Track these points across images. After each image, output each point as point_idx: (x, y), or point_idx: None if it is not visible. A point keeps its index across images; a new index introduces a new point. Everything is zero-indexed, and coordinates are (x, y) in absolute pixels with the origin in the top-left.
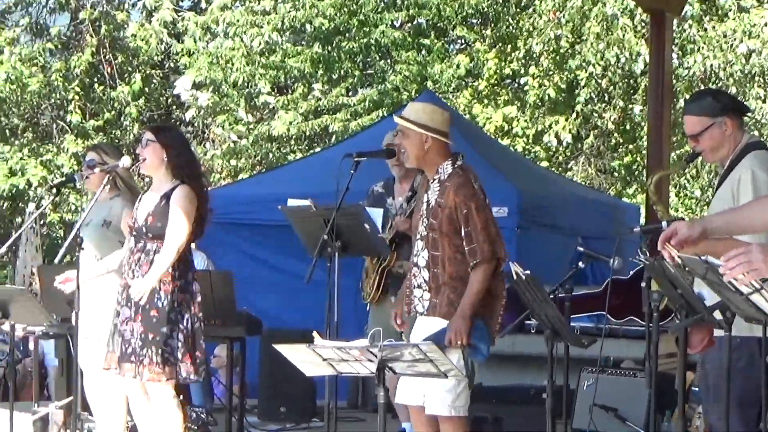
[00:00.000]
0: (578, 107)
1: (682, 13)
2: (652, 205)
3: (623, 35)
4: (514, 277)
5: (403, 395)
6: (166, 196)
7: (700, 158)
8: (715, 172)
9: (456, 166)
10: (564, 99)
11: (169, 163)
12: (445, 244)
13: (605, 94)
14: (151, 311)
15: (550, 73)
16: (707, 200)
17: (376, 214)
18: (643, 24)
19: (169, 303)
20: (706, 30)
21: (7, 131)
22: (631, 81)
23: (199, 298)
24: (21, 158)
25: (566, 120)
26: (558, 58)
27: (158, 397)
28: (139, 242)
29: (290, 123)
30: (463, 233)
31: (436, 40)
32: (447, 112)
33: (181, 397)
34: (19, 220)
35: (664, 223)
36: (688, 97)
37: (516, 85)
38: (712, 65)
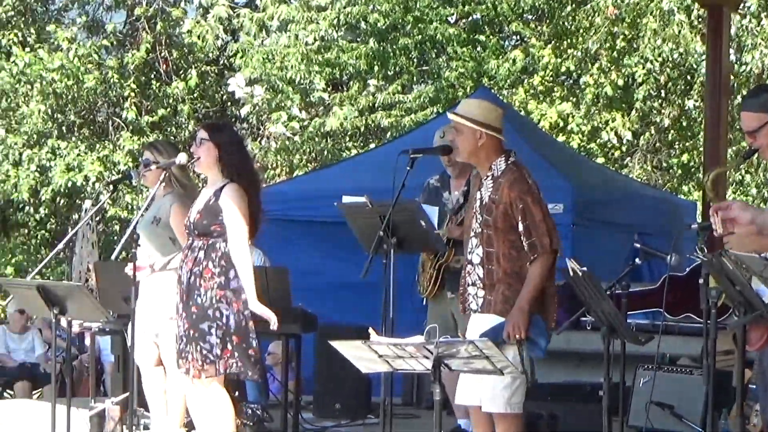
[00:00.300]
0: (637, 104)
1: (740, 9)
2: (709, 202)
3: (679, 31)
4: (571, 273)
5: (463, 396)
6: (216, 195)
7: (757, 155)
8: None
9: (509, 162)
10: (620, 96)
11: (220, 162)
12: (500, 241)
13: (662, 91)
14: (192, 308)
15: (608, 70)
16: (764, 197)
17: (432, 211)
18: (700, 19)
19: (208, 299)
20: (762, 26)
21: (63, 128)
22: (688, 77)
23: (244, 296)
24: (78, 154)
25: (623, 117)
26: (615, 55)
27: (205, 393)
28: (190, 239)
29: (344, 119)
30: (521, 228)
31: (491, 37)
32: (500, 109)
33: (237, 393)
34: (76, 216)
35: None
36: (745, 93)
37: (571, 81)
38: None
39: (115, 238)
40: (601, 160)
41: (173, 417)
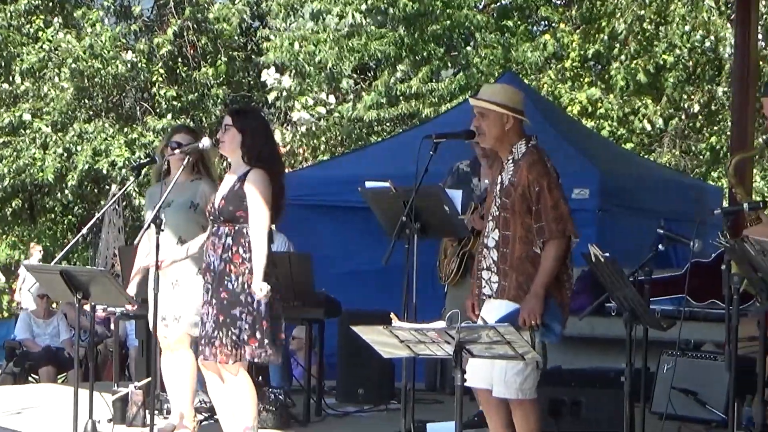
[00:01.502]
0: (667, 90)
1: None
2: (731, 188)
3: (708, 18)
4: (593, 259)
5: (471, 378)
6: (240, 180)
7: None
8: None
9: (530, 145)
10: (650, 81)
11: (243, 147)
12: (517, 224)
13: (692, 77)
14: (221, 293)
15: (636, 56)
16: None
17: (455, 195)
18: (729, 5)
19: (239, 285)
20: None
21: (91, 111)
22: (716, 63)
23: (272, 281)
24: (105, 138)
25: (653, 103)
26: (643, 41)
27: (231, 379)
28: (214, 225)
29: (371, 106)
30: (536, 209)
31: (519, 23)
32: (521, 92)
33: (260, 378)
34: (103, 202)
35: (745, 205)
36: None
37: (600, 67)
38: None
39: (141, 223)
40: (629, 145)
41: (183, 400)
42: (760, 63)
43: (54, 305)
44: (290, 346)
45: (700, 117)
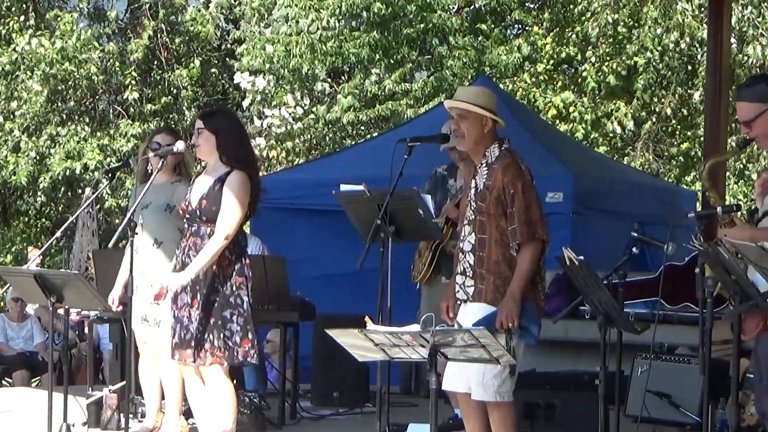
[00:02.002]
0: (638, 93)
1: None
2: (704, 192)
3: (683, 20)
4: (567, 262)
5: (449, 382)
6: (221, 180)
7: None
8: None
9: (503, 148)
10: (622, 84)
11: (219, 149)
12: (493, 227)
13: (664, 80)
14: (211, 296)
15: (608, 58)
16: None
17: (426, 199)
18: (702, 8)
19: (229, 287)
20: (764, 17)
21: (63, 115)
22: (689, 67)
23: (251, 283)
24: (78, 142)
25: (626, 105)
26: (615, 43)
27: (214, 381)
28: (192, 225)
29: (348, 108)
30: (511, 211)
31: (493, 26)
32: (495, 95)
33: (235, 381)
34: (76, 205)
35: (718, 209)
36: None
37: (573, 70)
38: None
39: (115, 227)
40: (603, 149)
41: (172, 404)
42: (732, 66)
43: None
44: (265, 349)
45: (673, 121)
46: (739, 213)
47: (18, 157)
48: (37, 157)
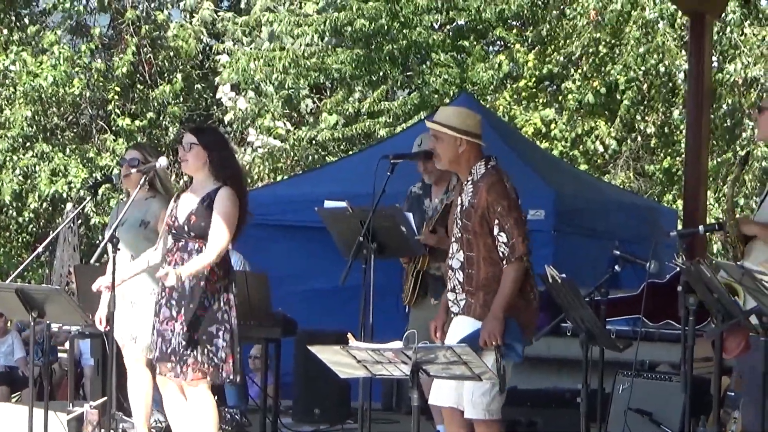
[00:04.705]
0: (620, 112)
1: (723, 16)
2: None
3: (662, 42)
4: (549, 280)
5: (436, 396)
6: (209, 197)
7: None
8: (759, 181)
9: (489, 166)
10: (603, 102)
11: (211, 165)
12: (480, 245)
13: (645, 99)
14: (197, 311)
15: (590, 77)
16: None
17: (409, 217)
18: (683, 28)
19: (216, 303)
20: (745, 35)
21: (47, 131)
22: (670, 85)
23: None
24: (63, 158)
25: (606, 124)
26: (597, 61)
27: (197, 398)
28: (179, 241)
29: (334, 125)
30: (496, 231)
31: (475, 43)
32: (478, 115)
33: (216, 397)
34: (59, 220)
35: (700, 228)
36: (729, 102)
37: (555, 87)
38: (754, 76)
39: (98, 242)
40: (584, 166)
41: (141, 418)
42: (716, 87)
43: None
44: (250, 365)
45: (654, 139)
46: (745, 227)
47: (2, 175)
48: (23, 175)
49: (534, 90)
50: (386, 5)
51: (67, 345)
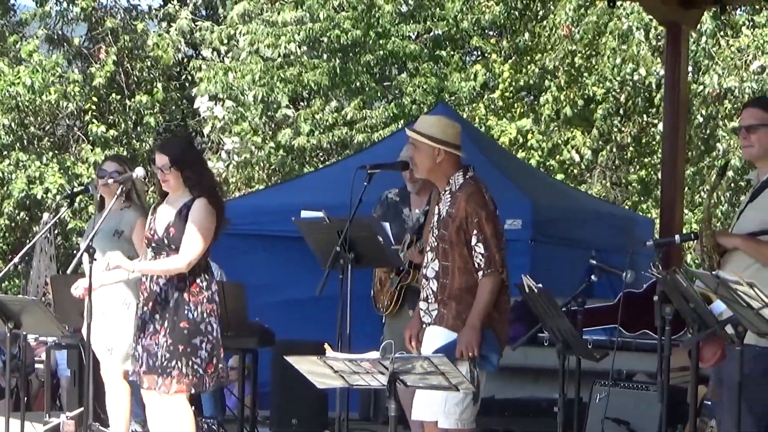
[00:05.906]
0: (597, 123)
1: (697, 28)
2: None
3: (638, 51)
4: (526, 290)
5: (418, 411)
6: (186, 207)
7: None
8: (735, 193)
9: (467, 177)
10: (579, 113)
11: (186, 180)
12: (455, 255)
13: (622, 109)
14: (180, 323)
15: (565, 88)
16: (729, 220)
17: (386, 227)
18: (659, 38)
19: (199, 314)
20: (720, 46)
21: (24, 140)
22: (646, 95)
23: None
24: (39, 167)
25: (583, 134)
26: (574, 72)
27: (176, 409)
28: (160, 254)
29: (309, 133)
30: (473, 242)
31: (452, 53)
32: (458, 125)
33: (193, 408)
34: (35, 229)
35: (676, 237)
36: (704, 113)
37: (531, 98)
38: (729, 87)
39: (74, 251)
40: (560, 176)
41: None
42: (691, 97)
43: None
44: (230, 376)
45: (630, 149)
46: (722, 238)
47: None
48: None
49: (510, 100)
50: (363, 15)
51: (43, 356)
